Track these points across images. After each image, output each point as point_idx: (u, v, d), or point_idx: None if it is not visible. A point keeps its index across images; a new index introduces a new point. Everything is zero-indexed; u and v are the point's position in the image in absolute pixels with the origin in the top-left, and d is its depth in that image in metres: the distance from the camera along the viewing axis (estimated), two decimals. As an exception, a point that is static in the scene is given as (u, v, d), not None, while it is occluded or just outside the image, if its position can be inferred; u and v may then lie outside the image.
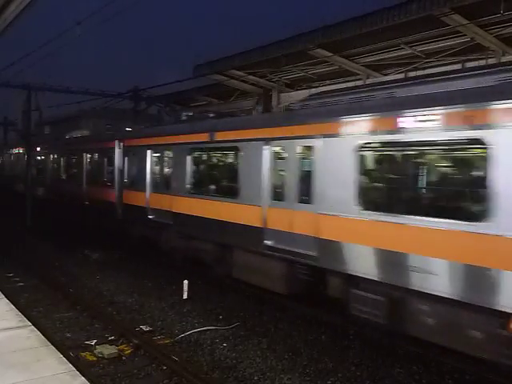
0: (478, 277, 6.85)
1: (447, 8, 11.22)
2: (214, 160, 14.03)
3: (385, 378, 7.86)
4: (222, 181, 13.26)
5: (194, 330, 9.85)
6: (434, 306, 7.53)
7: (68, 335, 9.64)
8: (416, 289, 7.61)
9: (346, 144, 8.88)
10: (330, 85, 17.87)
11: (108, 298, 12.29)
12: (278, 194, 10.58)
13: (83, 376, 5.28)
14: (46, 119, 33.19)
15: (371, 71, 16.15)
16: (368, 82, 16.31)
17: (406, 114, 7.96)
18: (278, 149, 10.69)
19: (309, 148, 9.83)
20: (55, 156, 26.78)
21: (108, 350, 8.70)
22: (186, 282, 12.06)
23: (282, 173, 10.65)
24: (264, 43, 16.15)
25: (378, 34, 13.12)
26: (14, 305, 8.09)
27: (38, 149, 28.48)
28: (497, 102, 6.80)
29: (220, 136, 12.46)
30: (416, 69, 14.95)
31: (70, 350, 8.51)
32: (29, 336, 6.30)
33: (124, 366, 8.29)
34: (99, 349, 8.77)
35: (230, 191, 12.20)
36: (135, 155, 16.90)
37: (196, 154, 13.79)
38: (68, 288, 12.99)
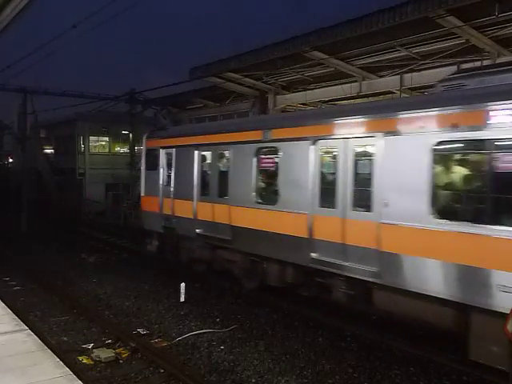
0: None
1: (442, 10, 11.27)
2: None
3: (382, 380, 7.85)
4: None
5: (191, 333, 9.83)
6: None
7: (65, 339, 9.60)
8: None
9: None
10: (326, 87, 17.93)
11: (105, 302, 12.25)
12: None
13: (80, 380, 5.26)
14: (41, 122, 33.19)
15: (367, 73, 16.20)
16: (364, 83, 16.38)
17: None
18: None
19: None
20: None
21: (105, 354, 8.67)
22: (182, 284, 12.05)
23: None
24: (260, 45, 16.16)
25: (374, 36, 13.17)
26: (11, 309, 8.06)
27: None
28: None
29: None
30: (412, 70, 15.01)
31: (66, 353, 8.47)
32: (25, 340, 6.27)
33: (121, 370, 8.26)
34: (96, 352, 8.74)
35: None
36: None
37: None
38: (65, 291, 12.95)
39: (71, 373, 5.35)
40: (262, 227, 10.99)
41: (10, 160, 46.90)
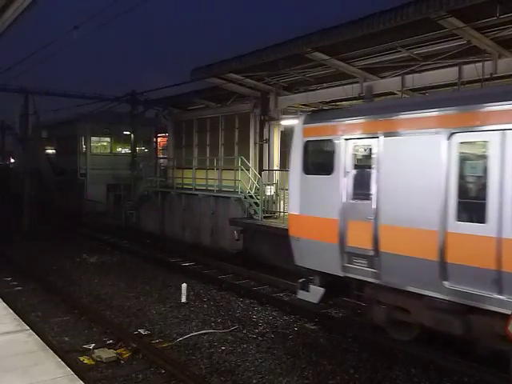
0: None
1: (444, 11, 11.25)
2: None
3: (383, 381, 7.85)
4: None
5: (192, 334, 9.84)
6: None
7: (66, 339, 9.62)
8: None
9: None
10: (327, 88, 17.92)
11: (106, 302, 12.27)
12: None
13: (81, 380, 5.24)
14: (43, 123, 33.25)
15: (368, 74, 16.19)
16: (365, 84, 16.38)
17: None
18: None
19: None
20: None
21: (106, 354, 8.69)
22: (184, 285, 12.07)
23: None
24: (261, 46, 16.17)
25: (375, 37, 13.16)
26: (12, 309, 8.06)
27: None
28: None
29: None
30: (413, 71, 15.00)
31: (68, 353, 8.49)
32: (26, 340, 6.26)
33: (122, 370, 8.28)
34: (97, 353, 8.76)
35: None
36: None
37: None
38: (66, 292, 12.96)
39: (72, 373, 5.35)
40: None
41: (12, 160, 47.02)
